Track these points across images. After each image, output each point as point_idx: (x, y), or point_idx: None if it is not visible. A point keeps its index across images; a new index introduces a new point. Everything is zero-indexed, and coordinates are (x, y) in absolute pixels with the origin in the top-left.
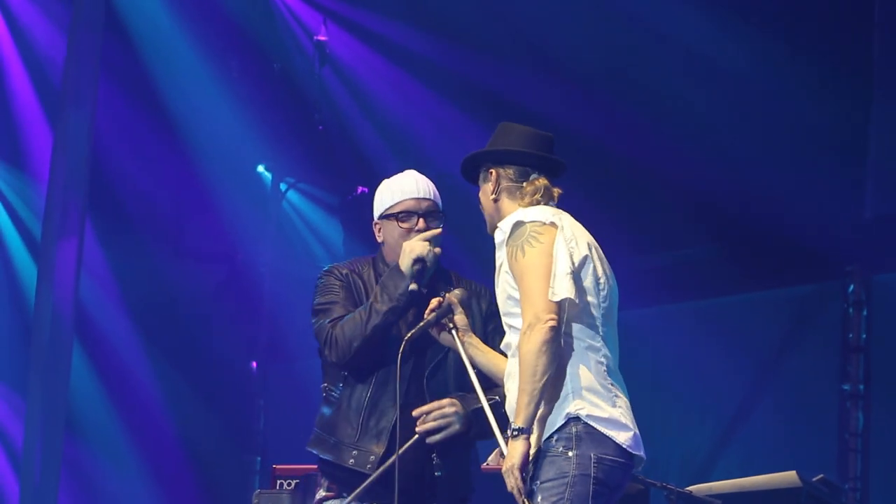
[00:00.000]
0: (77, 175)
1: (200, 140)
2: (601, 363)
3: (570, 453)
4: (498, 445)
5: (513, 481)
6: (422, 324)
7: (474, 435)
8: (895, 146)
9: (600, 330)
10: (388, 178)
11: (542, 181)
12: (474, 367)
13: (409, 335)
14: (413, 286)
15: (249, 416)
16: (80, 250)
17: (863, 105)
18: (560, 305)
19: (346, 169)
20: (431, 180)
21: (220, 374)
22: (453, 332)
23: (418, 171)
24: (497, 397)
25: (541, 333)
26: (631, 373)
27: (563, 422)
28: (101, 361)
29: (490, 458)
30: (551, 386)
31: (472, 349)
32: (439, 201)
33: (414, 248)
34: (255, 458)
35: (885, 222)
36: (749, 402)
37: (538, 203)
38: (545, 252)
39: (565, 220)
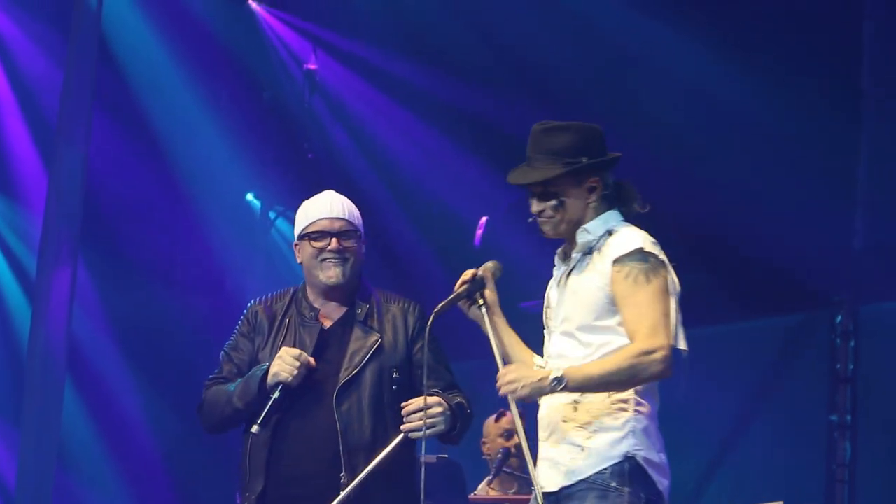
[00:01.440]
0: (71, 207)
1: (190, 168)
2: (656, 408)
3: (625, 489)
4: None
5: (506, 387)
6: (452, 296)
7: (457, 434)
8: (884, 177)
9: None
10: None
11: (630, 186)
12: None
13: (437, 308)
14: (275, 395)
15: (237, 446)
16: (73, 282)
17: (852, 136)
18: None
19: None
20: (420, 208)
21: None
22: (483, 308)
23: (406, 199)
24: (456, 396)
25: (657, 368)
26: None
27: (619, 459)
28: (90, 391)
29: (479, 488)
30: (613, 417)
31: (500, 328)
32: (356, 221)
33: (279, 373)
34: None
35: (873, 253)
36: (737, 431)
37: (631, 212)
38: (665, 290)
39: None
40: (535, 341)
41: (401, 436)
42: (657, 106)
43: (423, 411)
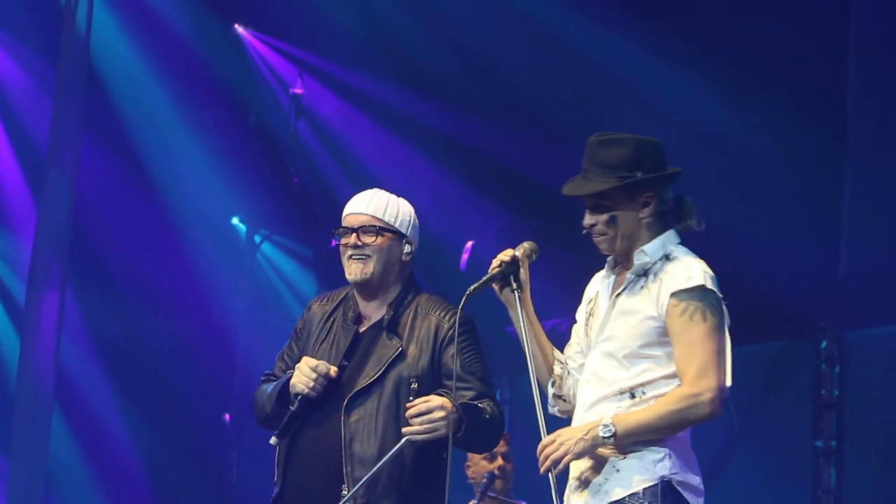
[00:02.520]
0: (60, 234)
1: (176, 192)
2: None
3: None
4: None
5: (557, 450)
6: (487, 276)
7: (469, 438)
8: (869, 203)
9: None
10: None
11: (691, 202)
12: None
13: (471, 289)
14: (293, 407)
15: (223, 469)
16: (61, 308)
17: (837, 162)
18: None
19: (320, 221)
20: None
21: (195, 427)
22: (516, 291)
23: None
24: (479, 403)
25: (704, 411)
26: None
27: (655, 482)
28: (78, 416)
29: None
30: (649, 441)
31: (529, 312)
32: (385, 215)
33: (296, 384)
34: None
35: (858, 279)
36: (722, 457)
37: (687, 229)
38: (721, 328)
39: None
40: (522, 364)
41: (403, 440)
42: (641, 132)
43: (424, 415)
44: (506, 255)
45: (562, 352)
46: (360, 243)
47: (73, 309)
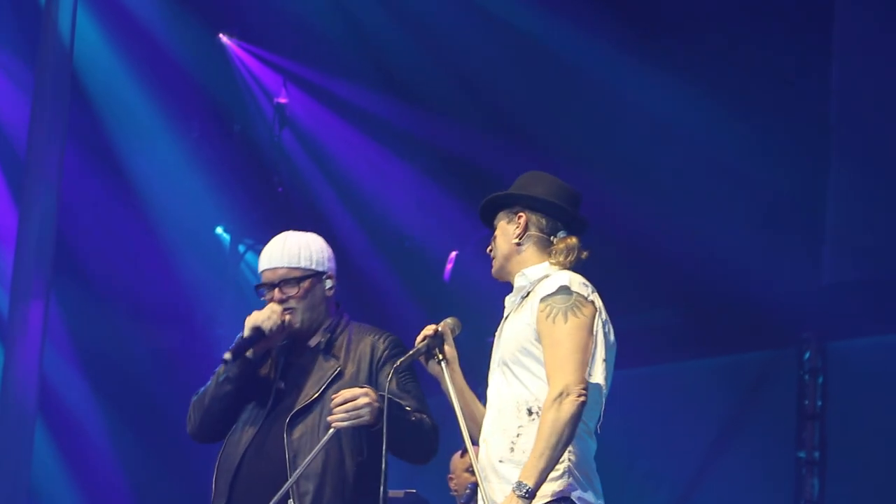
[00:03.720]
0: (43, 244)
1: (160, 201)
2: (592, 448)
3: None
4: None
5: None
6: (413, 351)
7: (388, 435)
8: (852, 214)
9: (600, 417)
10: None
11: (574, 241)
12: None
13: (398, 363)
14: (249, 353)
15: (207, 483)
16: (45, 319)
17: (820, 173)
18: (598, 395)
19: (304, 231)
20: (390, 242)
21: (178, 438)
22: (442, 363)
23: (376, 233)
24: (416, 414)
25: (572, 406)
26: None
27: (552, 499)
28: (60, 426)
29: None
30: None
31: (458, 383)
32: (301, 261)
33: (254, 316)
34: None
35: (841, 290)
36: (705, 467)
37: (569, 265)
38: (586, 326)
39: (598, 299)
40: None
41: (331, 430)
42: (625, 143)
43: (348, 402)
44: (429, 329)
45: None
46: (283, 297)
47: (56, 319)
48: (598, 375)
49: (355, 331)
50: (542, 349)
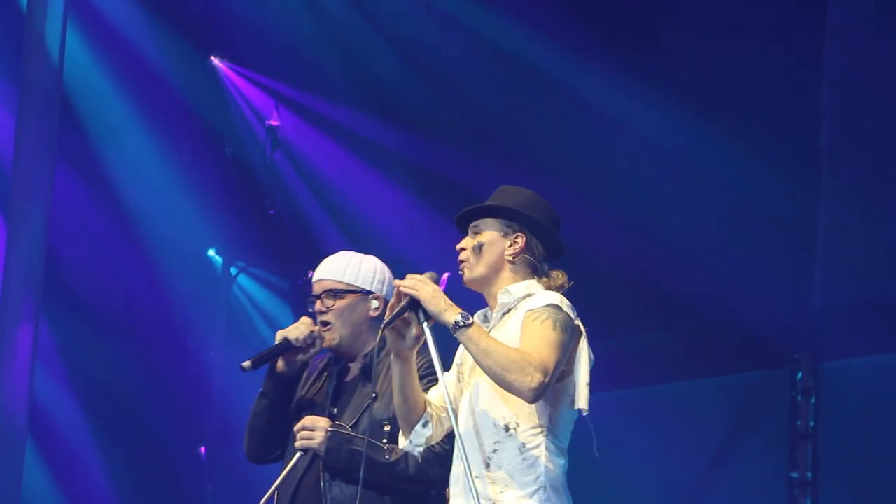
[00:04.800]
0: (33, 263)
1: (151, 223)
2: (565, 466)
3: None
4: None
5: (417, 284)
6: (397, 310)
7: (328, 465)
8: (844, 233)
9: (569, 436)
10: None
11: (563, 276)
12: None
13: (385, 323)
14: (280, 366)
15: (198, 502)
16: (35, 340)
17: (811, 193)
18: (573, 414)
19: (297, 253)
20: (385, 265)
21: (169, 459)
22: (425, 323)
23: (369, 254)
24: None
25: (530, 386)
26: (580, 458)
27: None
28: (50, 447)
29: None
30: (524, 474)
31: (412, 363)
32: (345, 277)
33: (286, 330)
34: None
35: (833, 310)
36: (698, 488)
37: (557, 290)
38: (566, 345)
39: (582, 326)
40: None
41: (298, 454)
42: (616, 164)
43: (306, 430)
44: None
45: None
46: (324, 308)
47: (47, 340)
48: (582, 400)
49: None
50: None
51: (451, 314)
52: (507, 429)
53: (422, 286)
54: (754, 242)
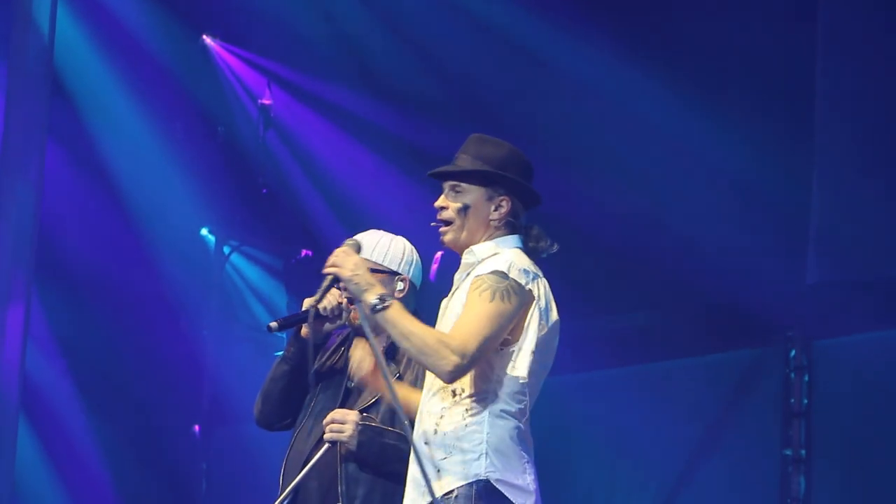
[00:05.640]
0: (23, 241)
1: (143, 202)
2: (519, 428)
3: None
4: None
5: (337, 260)
6: (323, 285)
7: (359, 458)
8: (837, 211)
9: (529, 399)
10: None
11: (540, 236)
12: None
13: (311, 306)
14: (304, 332)
15: (192, 480)
16: (26, 319)
17: (805, 171)
18: (517, 380)
19: (290, 232)
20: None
21: (163, 438)
22: (358, 305)
23: (361, 233)
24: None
25: (446, 368)
26: (572, 437)
27: (469, 480)
28: (43, 426)
29: None
30: (467, 440)
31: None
32: (373, 255)
33: (314, 297)
34: None
35: (826, 287)
36: (691, 466)
37: (535, 252)
38: (507, 315)
39: (542, 285)
40: None
41: (325, 446)
42: (609, 142)
43: (336, 423)
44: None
45: None
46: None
47: (39, 319)
48: (522, 368)
49: None
50: None
51: (371, 294)
52: (454, 394)
53: (342, 259)
54: (747, 220)
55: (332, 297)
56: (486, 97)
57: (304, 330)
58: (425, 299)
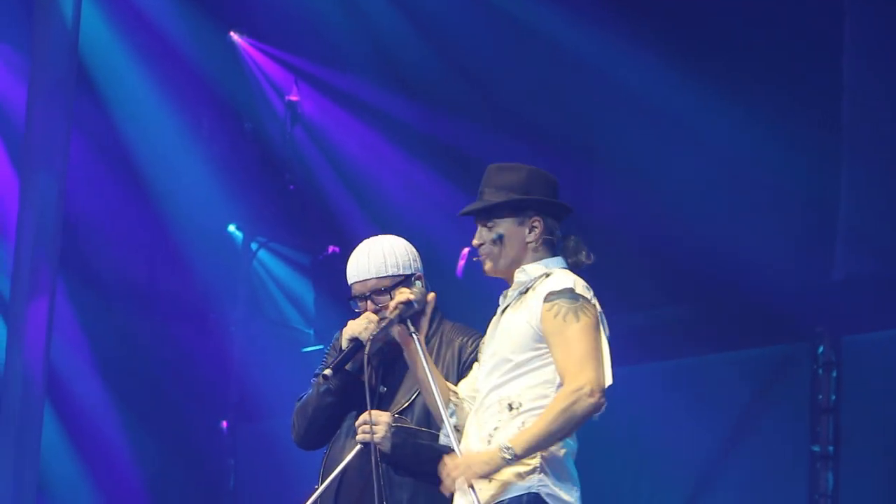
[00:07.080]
0: (48, 234)
1: (171, 198)
2: (571, 445)
3: None
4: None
5: (461, 473)
6: (385, 322)
7: (394, 460)
8: (865, 207)
9: None
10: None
11: (579, 247)
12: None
13: (371, 335)
14: (348, 366)
15: (220, 477)
16: (51, 310)
17: (833, 167)
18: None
19: (317, 228)
20: (402, 239)
21: (191, 434)
22: (414, 334)
23: (388, 230)
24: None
25: (588, 407)
26: (601, 434)
27: (520, 493)
28: (71, 421)
29: None
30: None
31: (426, 352)
32: (388, 270)
33: (351, 327)
34: None
35: (854, 283)
36: (719, 462)
37: (578, 264)
38: (595, 327)
39: (597, 304)
40: None
41: (357, 447)
42: (638, 141)
43: (368, 424)
44: (402, 295)
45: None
46: (377, 307)
47: (68, 315)
48: (609, 378)
49: (447, 332)
50: (542, 348)
51: (497, 457)
52: (510, 408)
53: (464, 469)
54: (775, 216)
55: (372, 326)
56: (514, 96)
57: (348, 364)
58: (448, 294)
